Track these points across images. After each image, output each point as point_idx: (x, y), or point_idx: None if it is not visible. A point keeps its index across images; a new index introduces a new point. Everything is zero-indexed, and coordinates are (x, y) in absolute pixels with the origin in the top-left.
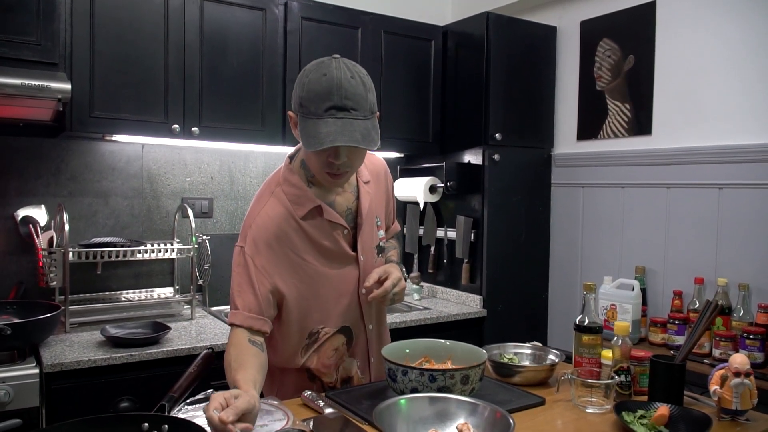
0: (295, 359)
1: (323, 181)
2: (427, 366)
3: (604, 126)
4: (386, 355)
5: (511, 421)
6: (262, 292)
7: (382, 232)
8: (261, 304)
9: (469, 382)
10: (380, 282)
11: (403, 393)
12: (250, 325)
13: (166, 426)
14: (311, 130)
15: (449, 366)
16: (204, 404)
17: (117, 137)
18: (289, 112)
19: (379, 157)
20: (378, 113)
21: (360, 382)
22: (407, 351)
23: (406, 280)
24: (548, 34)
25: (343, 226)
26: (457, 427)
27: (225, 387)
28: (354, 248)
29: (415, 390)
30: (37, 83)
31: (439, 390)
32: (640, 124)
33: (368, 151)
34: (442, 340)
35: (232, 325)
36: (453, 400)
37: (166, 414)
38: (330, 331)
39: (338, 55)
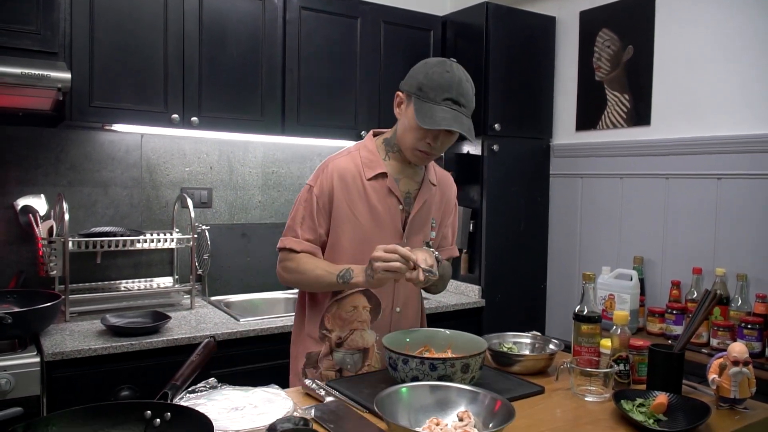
0: (324, 300)
1: (411, 156)
2: (427, 355)
3: (603, 116)
4: (387, 344)
5: (512, 409)
6: (320, 230)
7: (433, 233)
8: (318, 238)
9: (470, 370)
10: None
11: (404, 381)
12: (311, 251)
13: (169, 414)
14: (428, 111)
15: (449, 355)
16: (203, 392)
17: (116, 127)
18: (399, 92)
19: (450, 176)
20: None
21: (375, 358)
22: (408, 340)
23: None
24: (547, 24)
25: (399, 200)
26: (457, 415)
27: (225, 377)
28: (404, 227)
29: (415, 378)
30: (36, 72)
31: (440, 378)
32: (639, 114)
33: (442, 168)
34: (443, 330)
35: (290, 250)
36: (453, 389)
37: (169, 402)
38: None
39: (454, 59)
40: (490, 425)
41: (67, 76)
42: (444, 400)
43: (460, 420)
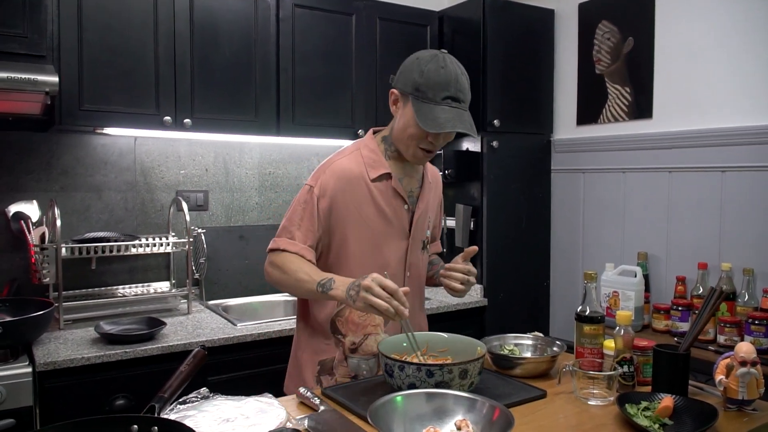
0: (330, 304)
1: (411, 156)
2: (423, 360)
3: (604, 110)
4: (383, 350)
5: (511, 417)
6: (317, 232)
7: (428, 232)
8: (315, 241)
9: (468, 376)
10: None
11: (400, 389)
12: (303, 254)
13: (156, 428)
14: (429, 114)
15: (448, 360)
16: (195, 403)
17: (108, 130)
18: (393, 90)
19: (439, 173)
20: None
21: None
22: (404, 345)
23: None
24: (546, 17)
25: (404, 199)
26: (455, 424)
27: (222, 383)
28: (410, 227)
29: (412, 386)
30: (24, 76)
31: (437, 385)
32: (641, 107)
33: (430, 163)
34: (441, 333)
35: (284, 250)
36: (450, 396)
37: (156, 415)
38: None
39: (445, 50)
40: None
41: (55, 79)
42: (441, 409)
43: (458, 429)
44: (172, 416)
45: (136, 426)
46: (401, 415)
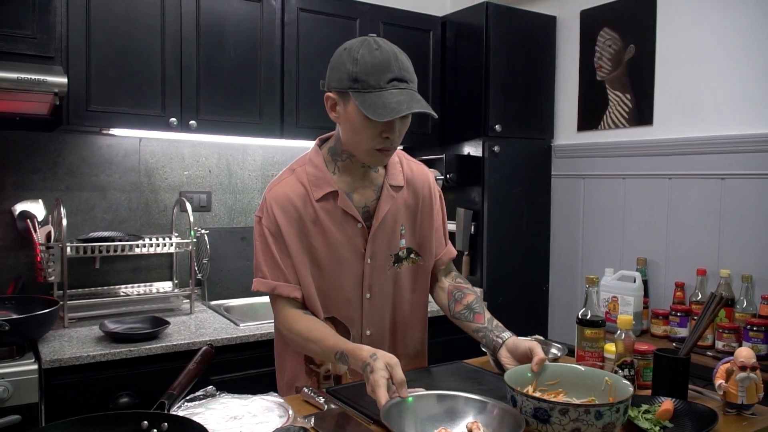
0: None
1: (369, 159)
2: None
3: (604, 116)
4: (512, 384)
5: (521, 420)
6: (282, 260)
7: (403, 242)
8: (284, 270)
9: (627, 412)
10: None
11: None
12: (278, 291)
13: (166, 424)
14: (376, 101)
15: (560, 393)
16: (202, 401)
17: (114, 131)
18: (328, 94)
19: (425, 168)
20: None
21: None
22: (528, 375)
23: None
24: (548, 23)
25: (356, 219)
26: (466, 426)
27: (225, 383)
28: (365, 248)
29: (577, 430)
30: (33, 77)
31: (605, 428)
32: (641, 114)
33: (413, 159)
34: (574, 365)
35: (258, 290)
36: (461, 398)
37: (166, 412)
38: (323, 317)
39: (374, 34)
40: None
41: (64, 80)
42: (452, 410)
43: (469, 431)
44: (181, 413)
45: (146, 422)
46: (412, 415)
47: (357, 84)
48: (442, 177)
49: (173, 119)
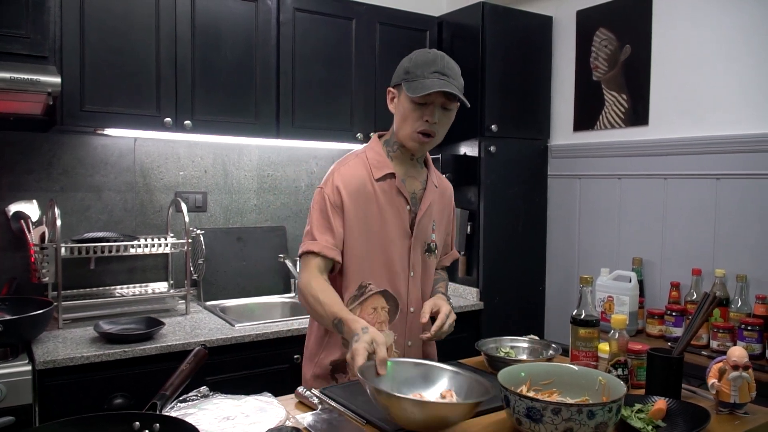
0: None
1: (412, 143)
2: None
3: (600, 117)
4: (506, 384)
5: (490, 387)
6: (336, 227)
7: (434, 236)
8: (336, 238)
9: (619, 411)
10: (432, 318)
11: None
12: (326, 253)
13: (158, 425)
14: (417, 85)
15: (554, 393)
16: (195, 401)
17: (109, 131)
18: (389, 88)
19: (449, 183)
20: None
21: (393, 355)
22: (522, 374)
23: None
24: (544, 24)
25: (406, 199)
26: (441, 394)
27: (220, 383)
28: (411, 228)
29: (570, 430)
30: (26, 77)
31: (597, 427)
32: (637, 114)
33: (441, 174)
34: (541, 363)
35: (309, 252)
36: (436, 367)
37: (158, 412)
38: (374, 288)
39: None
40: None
41: (57, 80)
42: (427, 376)
43: (443, 398)
44: (173, 414)
45: (138, 423)
46: (389, 377)
47: (407, 75)
48: None
49: (168, 119)
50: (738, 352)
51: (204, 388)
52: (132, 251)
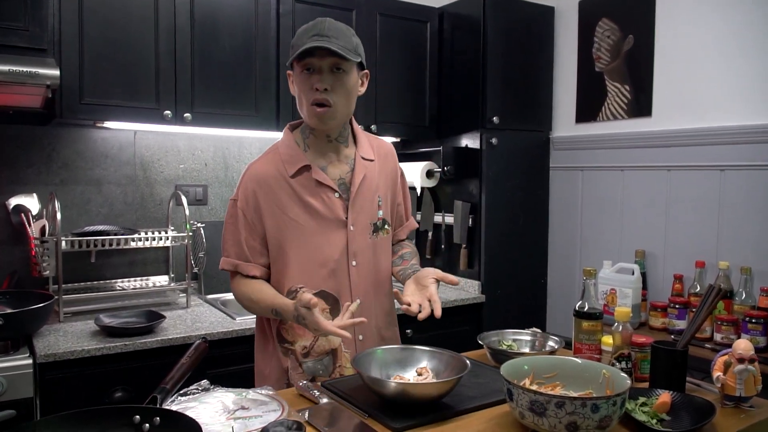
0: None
1: (311, 118)
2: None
3: (603, 108)
4: (507, 377)
5: (466, 363)
6: (248, 241)
7: (380, 212)
8: (246, 252)
9: (624, 404)
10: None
11: (554, 428)
12: (239, 269)
13: (158, 418)
14: (297, 51)
15: (557, 386)
16: (196, 395)
17: (108, 124)
18: (288, 72)
19: (389, 144)
20: (367, 72)
21: (345, 358)
22: (525, 367)
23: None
24: (546, 14)
25: (332, 188)
26: (416, 371)
27: (221, 376)
28: (346, 217)
29: (572, 424)
30: (25, 70)
31: (602, 420)
32: (640, 105)
33: (378, 137)
34: (547, 356)
35: (223, 269)
36: (418, 350)
37: (158, 406)
38: (308, 292)
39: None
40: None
41: (56, 73)
42: (410, 358)
43: (419, 375)
44: (174, 407)
45: (138, 416)
46: (378, 362)
47: (292, 49)
48: (440, 170)
49: (168, 112)
50: (744, 345)
51: (205, 382)
52: (132, 245)
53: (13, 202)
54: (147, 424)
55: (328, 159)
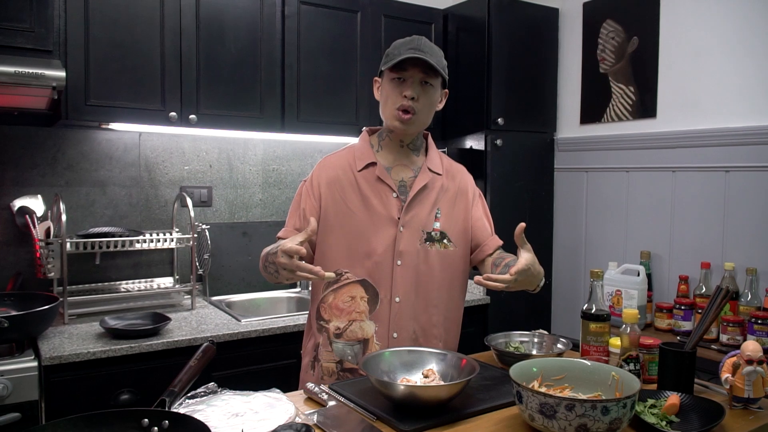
0: (318, 291)
1: (394, 122)
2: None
3: (607, 109)
4: (517, 379)
5: (476, 365)
6: (304, 214)
7: (437, 224)
8: (303, 221)
9: (633, 407)
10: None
11: (564, 431)
12: (285, 236)
13: (167, 422)
14: (391, 61)
15: (566, 388)
16: (203, 397)
17: (113, 125)
18: (375, 78)
19: (463, 167)
20: (447, 90)
21: (375, 349)
22: (534, 370)
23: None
24: (551, 16)
25: (390, 188)
26: (422, 373)
27: (227, 379)
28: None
29: (583, 426)
30: (31, 71)
31: (612, 423)
32: (645, 106)
33: (453, 161)
34: (580, 360)
35: (277, 238)
36: (426, 352)
37: (167, 409)
38: (352, 278)
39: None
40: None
41: (62, 74)
42: (418, 360)
43: (426, 377)
44: (182, 410)
45: (147, 420)
46: (387, 364)
47: (387, 58)
48: None
49: (173, 113)
50: (752, 347)
51: (212, 384)
52: (137, 246)
53: (18, 203)
54: (156, 428)
55: (396, 162)
